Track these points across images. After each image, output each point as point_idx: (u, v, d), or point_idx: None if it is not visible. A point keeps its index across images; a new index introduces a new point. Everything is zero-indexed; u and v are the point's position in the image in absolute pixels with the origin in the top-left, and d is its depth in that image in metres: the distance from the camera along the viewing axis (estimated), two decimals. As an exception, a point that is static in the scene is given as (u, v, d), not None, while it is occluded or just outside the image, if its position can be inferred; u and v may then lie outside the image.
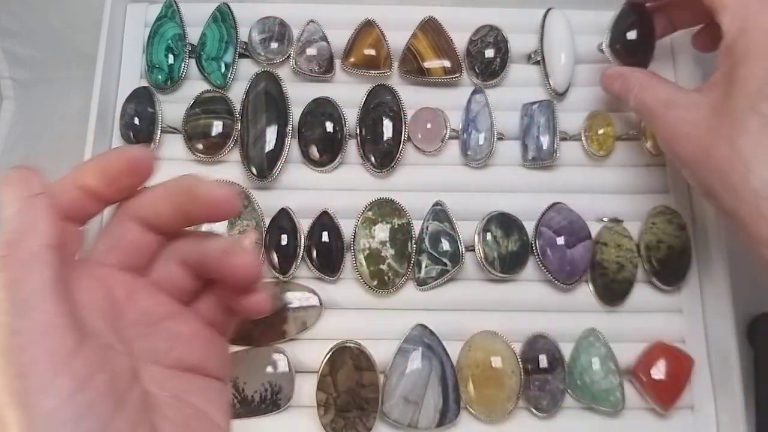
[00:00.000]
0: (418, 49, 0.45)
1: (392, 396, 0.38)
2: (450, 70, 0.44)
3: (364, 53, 0.45)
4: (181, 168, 0.43)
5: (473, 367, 0.39)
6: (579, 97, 0.46)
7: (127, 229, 0.22)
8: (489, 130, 0.43)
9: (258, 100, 0.43)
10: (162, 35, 0.45)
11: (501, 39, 0.46)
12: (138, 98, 0.43)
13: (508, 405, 0.39)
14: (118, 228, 0.22)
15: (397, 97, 0.44)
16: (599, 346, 0.40)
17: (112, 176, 0.21)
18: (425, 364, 0.39)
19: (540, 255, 0.41)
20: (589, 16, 0.48)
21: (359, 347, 0.39)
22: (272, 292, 0.39)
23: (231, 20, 0.45)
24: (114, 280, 0.21)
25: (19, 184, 0.19)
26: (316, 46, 0.45)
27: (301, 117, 0.44)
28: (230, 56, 0.45)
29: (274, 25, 0.45)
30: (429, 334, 0.39)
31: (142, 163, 0.22)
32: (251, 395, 0.38)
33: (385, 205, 0.41)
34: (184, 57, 0.45)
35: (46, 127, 0.53)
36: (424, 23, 0.46)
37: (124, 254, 0.22)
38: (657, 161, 0.45)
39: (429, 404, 0.38)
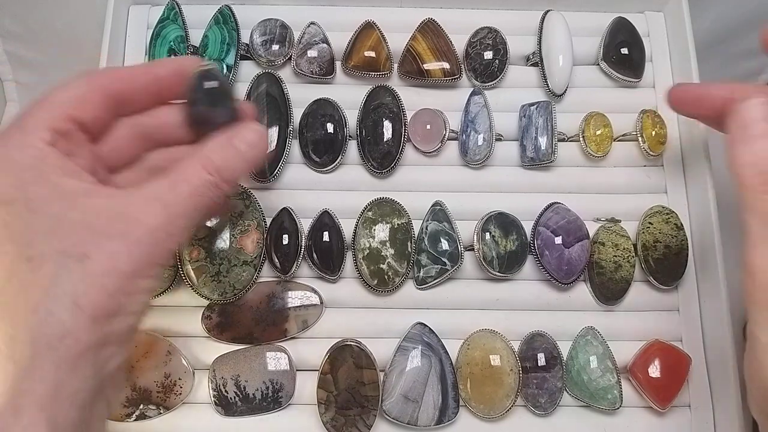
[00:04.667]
0: (418, 51, 0.45)
1: (392, 394, 0.38)
2: (449, 71, 0.45)
3: (365, 55, 0.45)
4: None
5: (472, 365, 0.39)
6: (577, 99, 0.46)
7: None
8: (488, 131, 0.43)
9: (259, 102, 0.43)
10: (164, 37, 0.46)
11: (500, 41, 0.46)
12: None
13: (507, 403, 0.39)
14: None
15: (397, 99, 0.44)
16: (597, 344, 0.40)
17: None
18: (425, 362, 0.39)
19: (538, 254, 0.41)
20: (587, 18, 0.48)
21: (359, 345, 0.39)
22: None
23: (233, 22, 0.46)
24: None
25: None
26: (317, 48, 0.45)
27: (302, 118, 0.44)
28: (232, 58, 0.45)
29: (276, 27, 0.46)
30: (428, 332, 0.40)
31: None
32: (252, 393, 0.39)
33: (385, 205, 0.42)
34: (186, 59, 0.45)
35: (50, 129, 0.53)
36: (423, 25, 0.46)
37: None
38: (654, 162, 0.45)
39: (428, 402, 0.38)
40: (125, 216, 0.23)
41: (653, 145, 0.44)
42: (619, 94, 0.47)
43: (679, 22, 0.47)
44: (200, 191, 0.25)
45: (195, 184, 0.25)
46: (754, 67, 0.57)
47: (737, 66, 0.57)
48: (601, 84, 0.47)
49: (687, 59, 0.46)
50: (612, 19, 0.47)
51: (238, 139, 0.27)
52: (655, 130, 0.44)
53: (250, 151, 0.27)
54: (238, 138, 0.27)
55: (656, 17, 0.49)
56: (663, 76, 0.47)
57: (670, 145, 0.45)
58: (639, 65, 0.46)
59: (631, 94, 0.47)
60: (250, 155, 0.27)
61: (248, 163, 0.27)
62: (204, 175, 0.25)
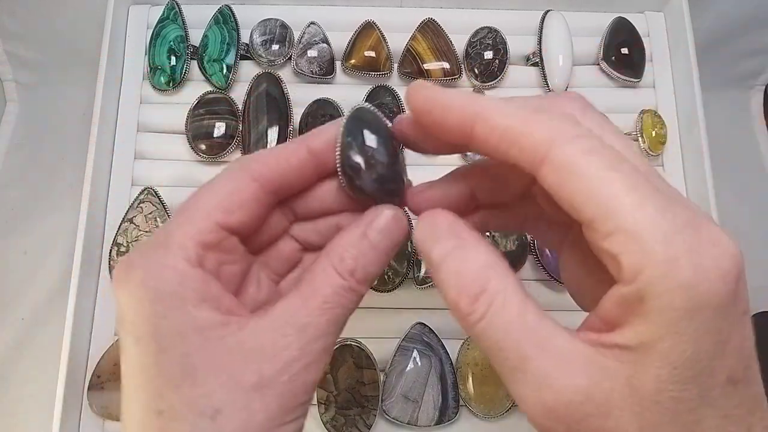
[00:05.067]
0: (418, 51, 0.45)
1: (392, 394, 0.38)
2: (449, 71, 0.45)
3: (365, 55, 0.45)
4: (182, 168, 0.43)
5: (472, 365, 0.39)
6: (577, 98, 0.46)
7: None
8: (488, 130, 0.43)
9: (259, 102, 0.43)
10: (164, 37, 0.46)
11: (500, 41, 0.46)
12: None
13: (507, 402, 0.39)
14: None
15: (397, 98, 0.44)
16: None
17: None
18: (425, 362, 0.39)
19: (538, 254, 0.41)
20: (587, 18, 0.48)
21: (359, 345, 0.39)
22: None
23: (233, 22, 0.46)
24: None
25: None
26: (317, 48, 0.45)
27: (302, 118, 0.44)
28: (232, 58, 0.45)
29: (276, 27, 0.46)
30: (428, 332, 0.40)
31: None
32: (253, 393, 0.39)
33: (385, 205, 0.42)
34: (186, 59, 0.45)
35: (50, 129, 0.53)
36: (423, 25, 0.46)
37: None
38: (654, 161, 0.45)
39: (428, 402, 0.38)
40: (257, 352, 0.20)
41: (653, 145, 0.44)
42: (619, 94, 0.47)
43: (679, 22, 0.47)
44: (334, 301, 0.21)
45: (326, 293, 0.21)
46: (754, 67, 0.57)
47: (737, 66, 0.57)
48: (601, 84, 0.47)
49: (687, 59, 0.46)
50: (612, 19, 0.47)
51: (371, 229, 0.22)
52: (655, 130, 0.44)
53: (383, 241, 0.22)
54: (371, 227, 0.22)
55: (656, 17, 0.49)
56: (663, 76, 0.47)
57: (670, 145, 0.45)
58: (639, 65, 0.47)
59: (631, 94, 0.47)
60: (384, 245, 0.22)
61: (385, 255, 0.22)
62: (337, 280, 0.21)
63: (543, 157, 0.17)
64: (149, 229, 0.41)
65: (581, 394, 0.16)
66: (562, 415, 0.17)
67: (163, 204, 0.42)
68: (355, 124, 0.22)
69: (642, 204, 0.16)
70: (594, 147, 0.17)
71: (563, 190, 0.17)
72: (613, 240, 0.16)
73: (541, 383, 0.17)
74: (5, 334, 0.46)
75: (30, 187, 0.51)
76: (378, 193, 0.22)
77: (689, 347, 0.16)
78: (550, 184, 0.17)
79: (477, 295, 0.18)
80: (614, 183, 0.16)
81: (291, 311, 0.21)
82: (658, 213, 0.16)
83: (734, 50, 0.55)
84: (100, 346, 0.40)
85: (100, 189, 0.42)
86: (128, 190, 0.43)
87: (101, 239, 0.42)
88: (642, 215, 0.16)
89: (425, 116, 0.20)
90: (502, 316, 0.18)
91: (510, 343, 0.17)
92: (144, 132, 0.45)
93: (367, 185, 0.22)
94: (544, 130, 0.17)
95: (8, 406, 0.44)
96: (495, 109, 0.18)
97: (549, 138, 0.17)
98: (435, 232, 0.20)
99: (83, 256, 0.39)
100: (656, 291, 0.15)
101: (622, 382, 0.16)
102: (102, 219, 0.43)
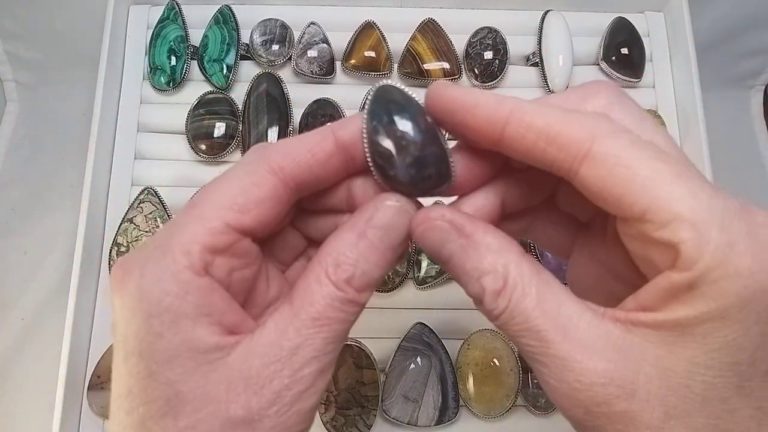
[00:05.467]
0: (418, 51, 0.45)
1: (392, 394, 0.38)
2: (449, 71, 0.45)
3: (365, 55, 0.45)
4: (183, 168, 0.43)
5: (472, 365, 0.39)
6: (577, 99, 0.46)
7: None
8: (488, 130, 0.43)
9: (259, 102, 0.43)
10: (164, 37, 0.46)
11: (500, 41, 0.46)
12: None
13: (507, 402, 0.39)
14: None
15: (396, 99, 0.44)
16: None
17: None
18: (425, 362, 0.39)
19: (538, 255, 0.41)
20: (587, 18, 0.48)
21: (359, 345, 0.39)
22: None
23: (233, 22, 0.46)
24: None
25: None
26: (317, 48, 0.45)
27: (302, 118, 0.44)
28: (232, 58, 0.45)
29: (276, 27, 0.46)
30: (428, 332, 0.40)
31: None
32: (253, 393, 0.39)
33: (385, 205, 0.42)
34: (186, 59, 0.45)
35: (50, 129, 0.53)
36: (423, 25, 0.46)
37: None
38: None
39: (428, 402, 0.38)
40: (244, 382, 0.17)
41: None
42: (619, 94, 0.47)
43: (679, 22, 0.47)
44: (329, 316, 0.18)
45: (320, 307, 0.18)
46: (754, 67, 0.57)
47: (737, 66, 0.57)
48: (601, 84, 0.47)
49: (687, 59, 0.46)
50: (612, 19, 0.47)
51: (371, 226, 0.19)
52: (655, 130, 0.44)
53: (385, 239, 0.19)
54: (371, 224, 0.19)
55: (656, 17, 0.49)
56: (663, 76, 0.47)
57: (670, 145, 0.45)
58: (639, 65, 0.47)
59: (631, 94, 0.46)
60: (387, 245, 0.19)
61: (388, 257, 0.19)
62: (332, 291, 0.18)
63: (585, 152, 0.17)
64: (149, 229, 0.41)
65: (604, 376, 0.16)
66: (584, 399, 0.16)
67: (163, 204, 0.42)
68: (379, 104, 0.19)
69: (695, 192, 0.15)
70: (636, 140, 0.17)
71: (610, 184, 0.16)
72: (671, 229, 0.15)
73: (563, 368, 0.17)
74: (5, 334, 0.46)
75: (30, 187, 0.51)
76: (417, 182, 0.19)
77: (733, 333, 0.15)
78: (593, 181, 0.17)
79: (498, 291, 0.18)
80: (664, 173, 0.16)
81: (280, 330, 0.18)
82: (711, 200, 0.15)
83: (734, 50, 0.55)
84: (100, 346, 0.40)
85: (100, 189, 0.42)
86: (128, 190, 0.43)
87: (101, 239, 0.42)
88: (697, 203, 0.15)
89: (449, 118, 0.19)
90: (522, 306, 0.17)
91: (532, 331, 0.17)
92: (144, 132, 0.45)
93: (402, 173, 0.18)
94: (584, 127, 0.17)
95: (8, 406, 0.44)
96: (529, 108, 0.18)
97: (590, 134, 0.17)
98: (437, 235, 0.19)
99: (83, 256, 0.39)
100: (711, 277, 0.15)
101: (651, 362, 0.16)
102: (102, 219, 0.43)
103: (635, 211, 0.16)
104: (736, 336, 0.15)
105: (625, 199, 0.16)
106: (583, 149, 0.17)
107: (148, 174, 0.44)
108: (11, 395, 0.45)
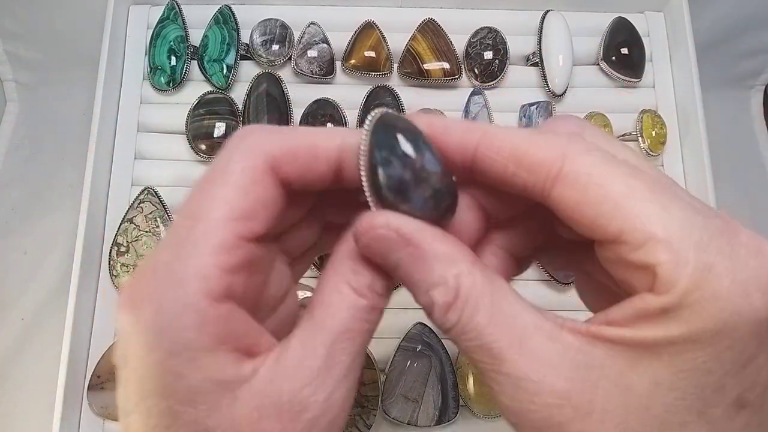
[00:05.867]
0: (418, 51, 0.45)
1: (392, 394, 0.38)
2: (449, 71, 0.45)
3: (365, 55, 0.45)
4: (183, 168, 0.43)
5: (472, 366, 0.39)
6: (577, 99, 0.46)
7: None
8: (488, 130, 0.43)
9: (259, 102, 0.43)
10: (164, 37, 0.46)
11: (500, 41, 0.46)
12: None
13: (507, 403, 0.39)
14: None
15: (397, 99, 0.44)
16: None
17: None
18: (425, 362, 0.39)
19: (538, 254, 0.41)
20: (587, 18, 0.48)
21: (359, 346, 0.39)
22: None
23: (233, 22, 0.46)
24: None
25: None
26: (317, 48, 0.45)
27: (302, 118, 0.44)
28: (232, 58, 0.45)
29: (276, 27, 0.46)
30: (429, 332, 0.40)
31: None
32: (253, 393, 0.39)
33: (385, 205, 0.42)
34: (186, 59, 0.45)
35: (50, 129, 0.53)
36: (423, 25, 0.46)
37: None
38: (654, 162, 0.45)
39: (428, 402, 0.38)
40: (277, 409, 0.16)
41: (653, 145, 0.44)
42: (619, 94, 0.47)
43: (679, 22, 0.47)
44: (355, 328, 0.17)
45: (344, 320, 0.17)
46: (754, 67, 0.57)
47: (737, 66, 0.57)
48: (601, 84, 0.47)
49: (687, 59, 0.46)
50: (612, 19, 0.47)
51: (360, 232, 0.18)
52: (655, 130, 0.44)
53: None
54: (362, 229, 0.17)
55: (656, 17, 0.49)
56: (663, 76, 0.47)
57: (670, 145, 0.45)
58: (639, 65, 0.47)
59: (631, 94, 0.47)
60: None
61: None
62: (354, 300, 0.17)
63: (556, 173, 0.16)
64: (149, 229, 0.41)
65: (560, 397, 0.15)
66: (537, 420, 0.15)
67: (163, 204, 0.42)
68: (385, 134, 0.17)
69: (671, 211, 0.15)
70: (609, 158, 0.16)
71: (583, 205, 0.15)
72: (646, 251, 0.14)
73: (516, 387, 0.16)
74: (5, 334, 0.46)
75: (30, 187, 0.51)
76: (433, 215, 0.17)
77: (704, 357, 0.14)
78: (566, 202, 0.16)
79: (449, 304, 0.16)
80: (638, 190, 0.15)
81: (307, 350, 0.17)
82: (689, 218, 0.14)
83: (734, 50, 0.55)
84: (100, 347, 0.40)
85: (100, 189, 0.42)
86: (128, 190, 0.43)
87: (101, 239, 0.42)
88: (673, 221, 0.14)
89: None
90: (474, 321, 0.16)
91: (484, 348, 0.16)
92: (144, 132, 0.45)
93: (419, 206, 0.17)
94: (554, 146, 0.16)
95: (8, 406, 0.44)
96: (498, 132, 0.17)
97: (560, 153, 0.16)
98: (381, 245, 0.17)
99: (83, 256, 0.39)
100: (687, 301, 0.14)
101: (611, 379, 0.15)
102: (102, 219, 0.43)
103: (609, 233, 0.15)
104: (706, 359, 0.14)
105: (599, 220, 0.15)
106: (554, 169, 0.16)
107: (148, 174, 0.44)
108: (11, 395, 0.45)
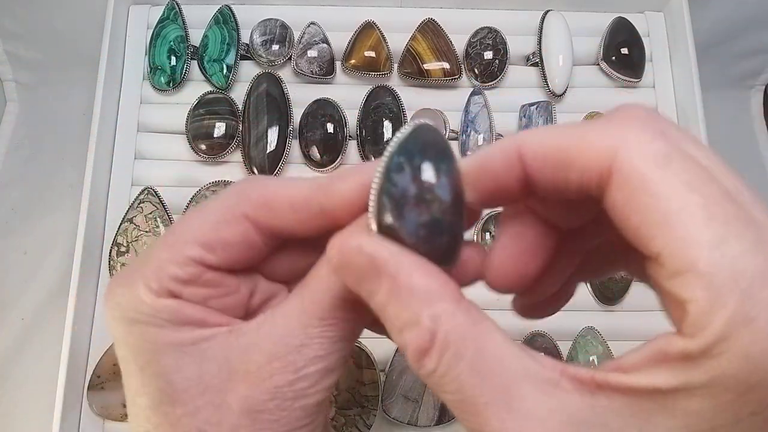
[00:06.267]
0: (418, 51, 0.45)
1: (392, 394, 0.38)
2: (449, 71, 0.45)
3: (365, 55, 0.45)
4: (182, 168, 0.43)
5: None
6: (577, 99, 0.46)
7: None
8: (488, 131, 0.43)
9: (259, 102, 0.43)
10: (164, 37, 0.46)
11: (500, 41, 0.46)
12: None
13: (507, 403, 0.39)
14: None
15: (397, 99, 0.44)
16: (597, 344, 0.40)
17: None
18: (425, 362, 0.39)
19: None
20: (587, 18, 0.48)
21: (359, 345, 0.39)
22: None
23: (233, 22, 0.46)
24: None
25: None
26: (317, 48, 0.45)
27: (302, 118, 0.44)
28: (232, 58, 0.45)
29: (276, 27, 0.46)
30: (428, 332, 0.40)
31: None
32: (253, 393, 0.39)
33: (385, 205, 0.42)
34: (186, 59, 0.45)
35: (50, 129, 0.53)
36: (423, 25, 0.46)
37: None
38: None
39: (428, 402, 0.38)
40: (244, 374, 0.17)
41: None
42: (619, 94, 0.47)
43: (679, 22, 0.47)
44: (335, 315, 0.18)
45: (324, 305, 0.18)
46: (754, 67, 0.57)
47: (737, 66, 0.57)
48: (601, 84, 0.47)
49: (687, 59, 0.46)
50: (612, 19, 0.47)
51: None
52: (655, 130, 0.44)
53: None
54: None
55: (656, 17, 0.49)
56: (663, 76, 0.47)
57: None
58: (639, 65, 0.47)
59: (631, 94, 0.47)
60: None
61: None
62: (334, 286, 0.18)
63: (609, 169, 0.13)
64: (149, 229, 0.41)
65: None
66: None
67: (163, 204, 0.42)
68: (415, 143, 0.15)
69: (724, 241, 0.12)
70: (670, 154, 0.13)
71: (629, 210, 0.13)
72: (682, 282, 0.12)
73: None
74: (5, 334, 0.46)
75: (30, 187, 0.51)
76: (420, 244, 0.15)
77: (722, 420, 0.12)
78: (615, 204, 0.13)
79: (424, 350, 0.15)
80: (692, 208, 0.12)
81: (287, 325, 0.17)
82: (746, 257, 0.12)
83: (734, 50, 0.55)
84: (100, 346, 0.40)
85: (100, 189, 0.42)
86: (128, 190, 0.43)
87: (101, 239, 0.42)
88: (722, 255, 0.12)
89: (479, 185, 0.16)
90: (455, 372, 0.14)
91: (467, 403, 0.14)
92: (144, 132, 0.45)
93: (409, 227, 0.15)
94: (606, 137, 0.13)
95: (8, 406, 0.44)
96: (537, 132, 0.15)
97: (613, 144, 0.13)
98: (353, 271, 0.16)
99: (83, 256, 0.39)
100: (714, 351, 0.12)
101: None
102: (102, 219, 0.43)
103: (650, 249, 0.13)
104: (724, 421, 0.12)
105: (642, 230, 0.13)
106: (606, 165, 0.13)
107: (148, 174, 0.44)
108: (11, 395, 0.45)
